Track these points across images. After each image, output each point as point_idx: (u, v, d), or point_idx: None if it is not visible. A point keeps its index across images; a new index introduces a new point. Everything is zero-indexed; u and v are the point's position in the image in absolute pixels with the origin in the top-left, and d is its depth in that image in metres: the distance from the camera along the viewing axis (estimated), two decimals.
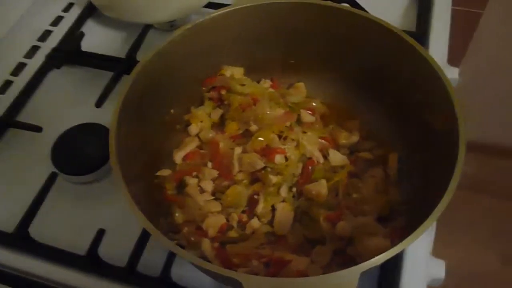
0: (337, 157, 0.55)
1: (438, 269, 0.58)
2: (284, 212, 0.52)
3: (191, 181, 0.55)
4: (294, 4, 0.56)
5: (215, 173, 0.55)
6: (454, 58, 0.77)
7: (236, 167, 0.54)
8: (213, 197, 0.54)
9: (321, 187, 0.52)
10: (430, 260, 0.57)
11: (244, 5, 0.56)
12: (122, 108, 0.48)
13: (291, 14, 0.57)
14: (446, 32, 0.77)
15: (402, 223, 0.50)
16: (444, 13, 0.79)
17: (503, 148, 1.47)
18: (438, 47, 0.74)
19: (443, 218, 0.45)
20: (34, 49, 0.79)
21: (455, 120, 0.45)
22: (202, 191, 0.54)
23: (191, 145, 0.58)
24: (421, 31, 0.76)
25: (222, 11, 0.55)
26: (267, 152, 0.54)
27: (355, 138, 0.58)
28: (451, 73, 0.76)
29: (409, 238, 0.39)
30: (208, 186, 0.54)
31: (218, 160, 0.56)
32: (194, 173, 0.56)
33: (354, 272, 0.38)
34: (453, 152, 0.44)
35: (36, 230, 0.58)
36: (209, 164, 0.56)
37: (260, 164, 0.53)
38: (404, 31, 0.54)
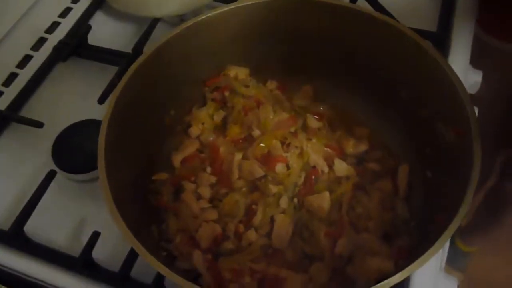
0: (342, 167, 0.52)
1: (450, 285, 0.54)
2: (283, 224, 0.49)
3: (189, 187, 0.52)
4: (304, 2, 0.53)
5: (213, 179, 0.53)
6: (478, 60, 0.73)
7: (236, 174, 0.52)
8: (210, 205, 0.52)
9: (323, 200, 0.49)
10: (442, 277, 0.54)
11: (250, 2, 0.53)
12: (115, 107, 0.46)
13: (300, 12, 0.53)
14: (470, 33, 0.73)
15: (408, 242, 0.47)
16: (468, 11, 0.74)
17: None
18: (460, 49, 0.70)
19: None
20: (42, 41, 0.77)
21: (470, 136, 0.41)
22: (199, 197, 0.52)
23: (191, 148, 0.55)
24: (443, 31, 0.72)
25: (225, 8, 0.52)
26: (268, 159, 0.51)
27: (363, 147, 0.54)
28: (474, 77, 0.72)
29: (414, 264, 0.36)
30: (206, 192, 0.52)
31: (217, 166, 0.53)
32: (193, 178, 0.54)
33: None
34: (466, 170, 0.40)
35: (32, 229, 0.57)
36: (208, 169, 0.54)
37: (260, 172, 0.50)
38: (424, 31, 0.50)
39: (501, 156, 1.04)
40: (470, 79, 0.71)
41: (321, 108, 0.57)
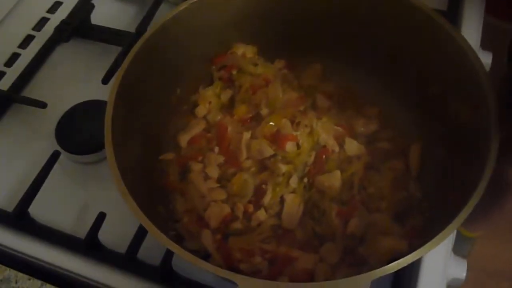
0: (353, 146, 0.51)
1: (460, 269, 0.54)
2: (293, 204, 0.48)
3: (196, 167, 0.51)
4: None
5: (221, 158, 0.52)
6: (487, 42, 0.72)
7: (244, 154, 0.51)
8: (218, 185, 0.51)
9: (334, 179, 0.48)
10: (452, 259, 0.53)
11: None
12: (121, 86, 0.45)
13: None
14: (481, 13, 0.71)
15: (421, 222, 0.46)
16: None
17: None
18: (470, 29, 0.68)
19: None
20: (44, 21, 0.76)
21: (487, 112, 0.40)
22: (206, 177, 0.51)
23: (197, 128, 0.54)
24: (453, 11, 0.70)
25: None
26: (277, 138, 0.50)
27: (373, 126, 0.53)
28: (484, 58, 0.71)
29: (428, 244, 0.36)
30: (214, 172, 0.51)
31: (225, 145, 0.52)
32: (200, 158, 0.53)
33: (366, 279, 0.34)
34: (483, 148, 0.39)
35: (36, 210, 0.56)
36: (216, 149, 0.53)
37: (270, 151, 0.49)
38: (434, 10, 0.49)
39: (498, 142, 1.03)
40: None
41: (330, 87, 0.56)
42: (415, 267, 0.50)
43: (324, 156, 0.51)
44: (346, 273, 0.43)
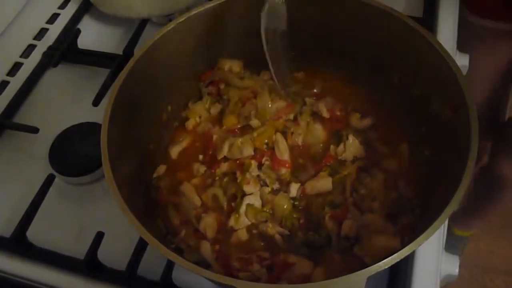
0: (355, 145, 0.52)
1: (452, 265, 0.55)
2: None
3: (185, 178, 0.52)
4: None
5: (202, 168, 0.53)
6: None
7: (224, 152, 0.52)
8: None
9: (325, 183, 0.50)
10: (443, 255, 0.55)
11: None
12: (114, 107, 0.46)
13: (289, 3, 0.54)
14: (455, 17, 0.74)
15: (412, 219, 0.48)
16: None
17: None
18: (446, 33, 0.71)
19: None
20: (31, 48, 0.77)
21: (466, 110, 0.42)
22: (196, 188, 0.52)
23: (187, 140, 0.56)
24: (428, 17, 0.73)
25: (217, 2, 0.53)
26: (272, 160, 0.52)
27: (368, 121, 0.55)
28: (461, 60, 0.73)
29: (419, 238, 0.37)
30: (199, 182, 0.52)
31: (208, 153, 0.53)
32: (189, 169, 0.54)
33: (360, 276, 0.35)
34: (464, 145, 0.41)
35: (34, 234, 0.57)
36: (200, 157, 0.54)
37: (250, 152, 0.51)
38: (410, 17, 0.51)
39: (490, 136, 1.05)
40: (458, 62, 0.72)
41: (315, 91, 0.58)
42: (409, 264, 0.52)
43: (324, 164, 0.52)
44: (343, 273, 0.44)
